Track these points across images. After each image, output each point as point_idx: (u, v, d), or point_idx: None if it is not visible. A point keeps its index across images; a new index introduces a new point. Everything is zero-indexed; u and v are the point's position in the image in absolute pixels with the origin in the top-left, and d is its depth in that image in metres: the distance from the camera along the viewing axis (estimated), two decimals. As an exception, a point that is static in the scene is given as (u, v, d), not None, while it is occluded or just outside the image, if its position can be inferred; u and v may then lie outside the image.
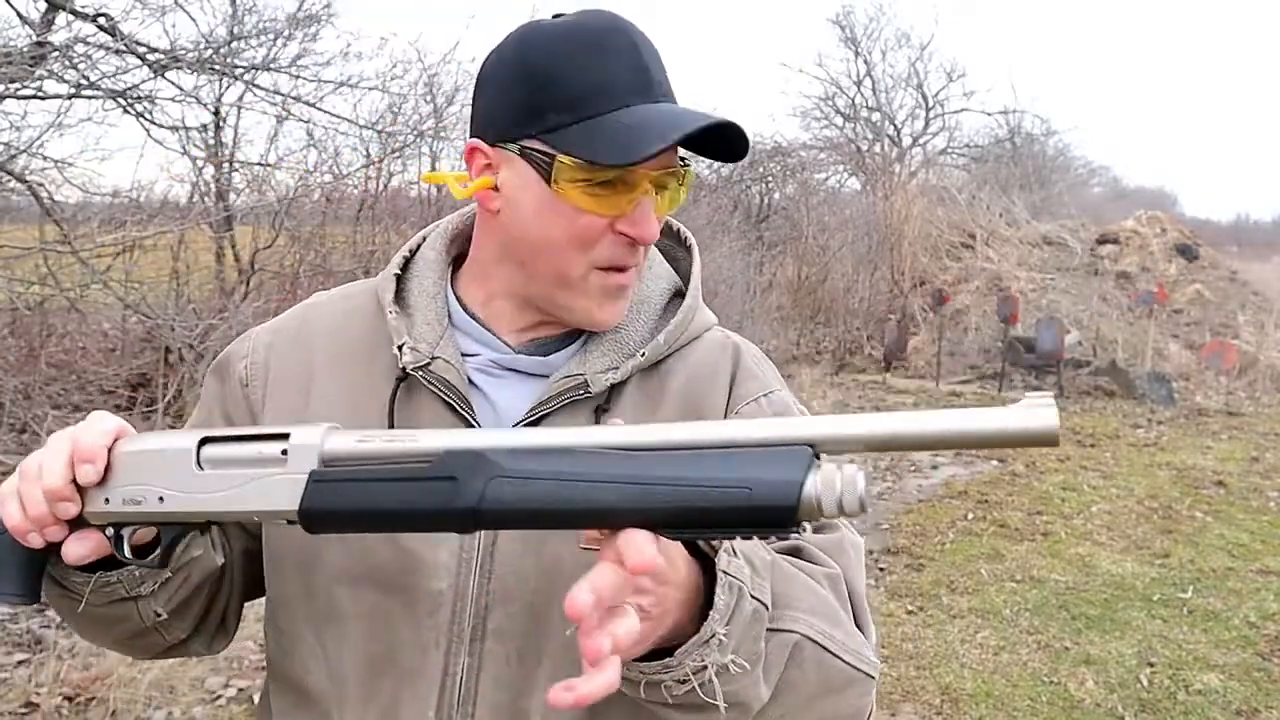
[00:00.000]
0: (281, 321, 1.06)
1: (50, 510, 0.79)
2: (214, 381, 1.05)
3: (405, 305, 0.99)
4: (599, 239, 0.90)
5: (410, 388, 0.95)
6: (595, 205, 0.88)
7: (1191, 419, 9.39)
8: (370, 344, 0.99)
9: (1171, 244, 14.31)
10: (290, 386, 0.99)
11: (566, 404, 0.95)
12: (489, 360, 0.98)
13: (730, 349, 1.04)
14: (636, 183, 0.88)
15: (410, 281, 1.01)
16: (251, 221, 7.16)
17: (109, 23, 5.12)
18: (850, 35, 20.54)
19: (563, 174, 0.87)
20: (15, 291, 5.02)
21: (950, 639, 4.26)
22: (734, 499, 0.61)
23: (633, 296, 0.98)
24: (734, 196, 14.41)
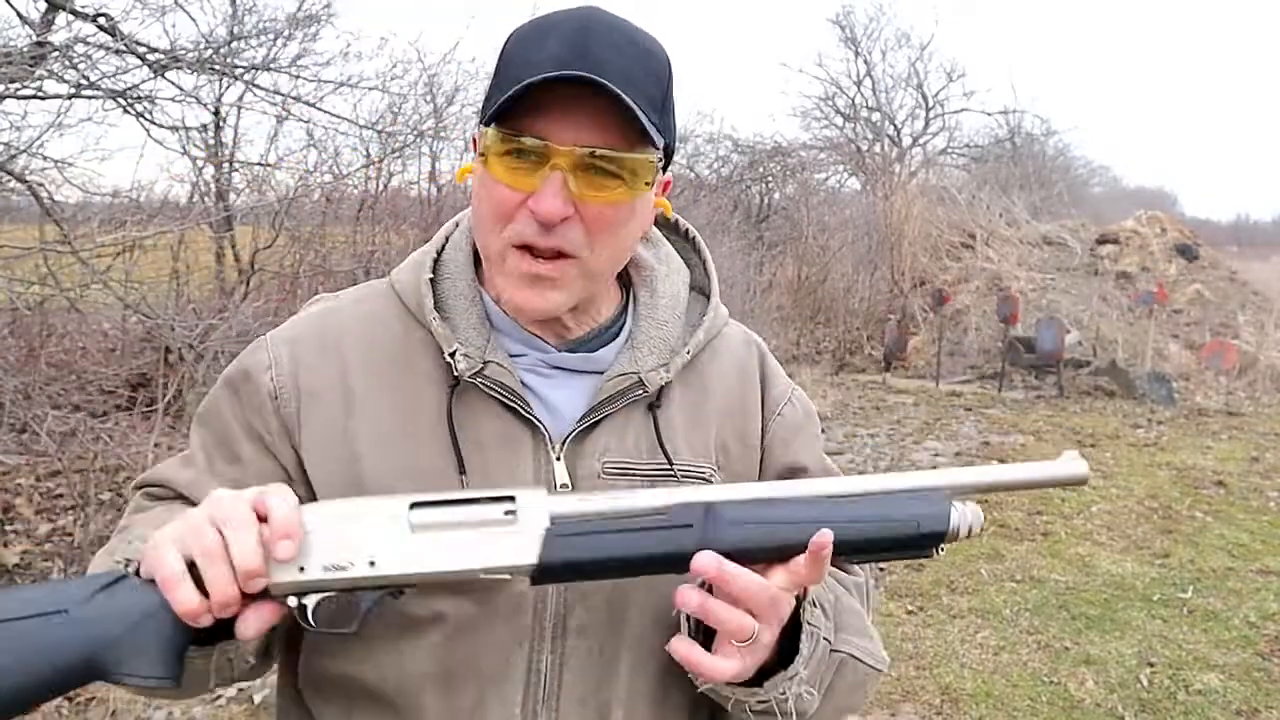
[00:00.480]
0: (297, 330, 1.02)
1: (239, 590, 0.75)
2: (229, 395, 1.00)
3: (443, 310, 0.98)
4: (513, 214, 0.89)
5: (463, 394, 0.95)
6: (509, 178, 0.88)
7: (1191, 419, 9.39)
8: (403, 351, 0.98)
9: (1171, 244, 14.30)
10: (327, 400, 0.97)
11: (621, 402, 0.97)
12: (537, 360, 0.99)
13: (754, 346, 1.12)
14: (547, 157, 0.86)
15: (443, 285, 1.00)
16: (251, 221, 7.16)
17: (109, 23, 5.11)
18: (850, 35, 20.56)
19: (488, 147, 0.88)
20: (15, 291, 5.02)
21: (950, 639, 4.26)
22: (905, 530, 0.82)
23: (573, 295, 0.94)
24: (734, 196, 14.42)
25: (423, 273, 1.00)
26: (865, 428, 8.73)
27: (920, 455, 7.73)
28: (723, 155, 15.26)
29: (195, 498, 0.94)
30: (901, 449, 7.91)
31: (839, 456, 7.62)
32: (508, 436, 0.95)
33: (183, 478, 0.99)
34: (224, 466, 0.97)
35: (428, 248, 1.04)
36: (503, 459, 0.94)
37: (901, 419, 9.16)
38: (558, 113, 0.86)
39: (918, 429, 8.72)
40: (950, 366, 11.54)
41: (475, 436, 0.94)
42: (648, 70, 0.89)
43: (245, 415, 0.98)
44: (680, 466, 0.99)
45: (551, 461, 0.95)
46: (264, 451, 0.97)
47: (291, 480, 0.94)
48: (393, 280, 1.04)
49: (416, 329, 0.99)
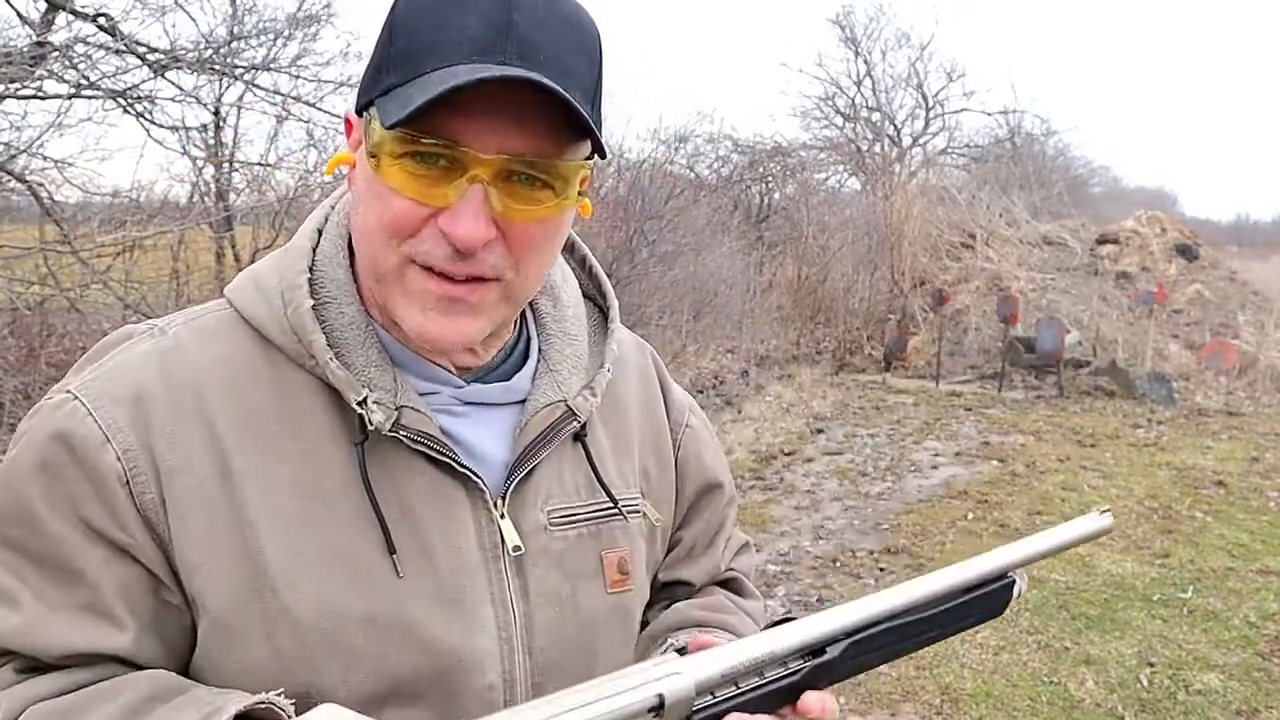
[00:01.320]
0: (130, 383, 0.76)
1: None
2: (42, 489, 0.73)
3: (333, 345, 0.78)
4: (417, 231, 0.72)
5: (372, 451, 0.77)
6: (414, 189, 0.71)
7: (1191, 419, 9.39)
8: (282, 405, 0.77)
9: (1171, 244, 14.30)
10: (197, 478, 0.74)
11: (555, 439, 0.84)
12: (449, 398, 0.82)
13: (646, 351, 1.03)
14: (464, 166, 0.70)
15: (326, 312, 0.79)
16: (251, 221, 7.16)
17: (109, 23, 5.12)
18: (850, 35, 20.57)
19: (379, 145, 0.71)
20: (15, 291, 5.02)
21: (950, 639, 4.26)
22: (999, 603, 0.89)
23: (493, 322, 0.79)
24: (734, 196, 14.43)
25: (301, 300, 0.78)
26: (865, 428, 8.73)
27: (920, 455, 7.73)
28: (723, 155, 15.28)
29: (35, 649, 0.73)
30: (901, 449, 7.91)
31: (839, 456, 7.62)
32: (439, 497, 0.79)
33: (6, 628, 0.73)
34: (59, 593, 0.73)
35: (289, 263, 0.81)
36: (437, 526, 0.78)
37: (901, 419, 9.16)
38: (478, 112, 0.69)
39: (918, 429, 8.72)
40: (950, 366, 11.54)
41: (399, 502, 0.78)
42: (579, 49, 0.73)
43: (77, 511, 0.73)
44: (622, 502, 0.89)
45: (495, 520, 0.81)
46: (117, 555, 0.73)
47: (160, 586, 0.75)
48: (239, 308, 0.81)
49: (290, 371, 0.78)
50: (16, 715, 0.70)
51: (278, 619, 0.74)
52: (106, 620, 0.74)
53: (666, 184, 9.94)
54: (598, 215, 8.32)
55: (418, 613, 0.77)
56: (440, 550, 0.79)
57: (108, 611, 0.74)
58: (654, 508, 0.94)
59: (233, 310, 0.81)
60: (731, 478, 1.08)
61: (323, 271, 0.81)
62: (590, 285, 0.97)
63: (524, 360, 0.88)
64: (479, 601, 0.80)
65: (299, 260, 0.81)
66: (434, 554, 0.78)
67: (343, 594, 0.75)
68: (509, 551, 0.81)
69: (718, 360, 10.58)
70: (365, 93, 0.75)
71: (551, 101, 0.69)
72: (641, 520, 0.93)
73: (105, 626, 0.74)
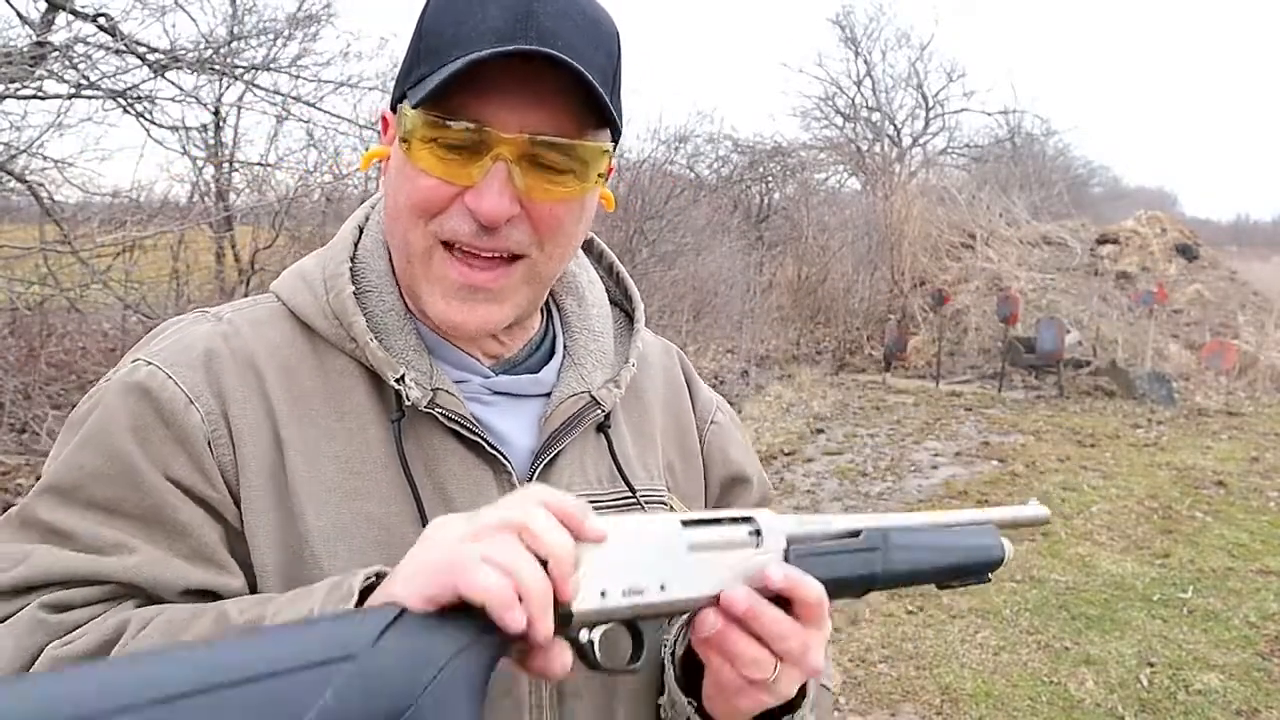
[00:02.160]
0: (199, 352, 0.81)
1: (544, 598, 0.60)
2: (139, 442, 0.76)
3: (374, 330, 0.83)
4: (445, 209, 0.77)
5: (409, 429, 0.82)
6: (442, 170, 0.76)
7: (1191, 419, 9.39)
8: (327, 386, 0.82)
9: (1171, 244, 14.31)
10: (261, 443, 0.79)
11: (578, 428, 0.87)
12: (478, 387, 0.86)
13: (674, 353, 1.06)
14: (488, 146, 0.74)
15: (368, 300, 0.84)
16: (251, 221, 7.17)
17: (109, 23, 5.12)
18: (850, 35, 20.58)
19: (411, 130, 0.76)
20: (15, 291, 5.02)
21: (950, 639, 4.26)
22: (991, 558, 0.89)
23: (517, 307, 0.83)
24: (734, 196, 14.44)
25: (343, 286, 0.83)
26: (865, 428, 8.73)
27: (920, 455, 7.73)
28: (723, 155, 15.28)
29: (156, 583, 0.75)
30: (901, 449, 7.91)
31: (839, 456, 7.62)
32: (469, 478, 0.83)
33: (126, 565, 0.75)
34: (170, 542, 0.76)
35: (332, 255, 0.87)
36: (468, 503, 0.81)
37: (901, 419, 9.16)
38: (499, 93, 0.74)
39: (918, 429, 8.72)
40: (950, 366, 11.54)
41: (433, 478, 0.82)
42: (598, 43, 0.77)
43: (169, 470, 0.76)
44: (642, 493, 0.90)
45: None
46: (210, 512, 0.77)
47: (240, 542, 0.78)
48: (285, 299, 0.86)
49: (332, 356, 0.83)
50: (149, 620, 0.71)
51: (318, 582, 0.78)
52: (216, 566, 0.77)
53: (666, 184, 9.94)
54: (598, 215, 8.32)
55: None
56: None
57: (217, 559, 0.77)
58: (682, 502, 0.95)
59: (279, 303, 0.87)
60: (766, 476, 1.08)
61: (364, 264, 0.86)
62: (618, 291, 1.00)
63: (550, 356, 0.92)
64: None
65: (342, 252, 0.86)
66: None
67: (378, 562, 0.76)
68: None
69: (718, 360, 10.58)
70: (398, 88, 0.80)
71: (571, 86, 0.73)
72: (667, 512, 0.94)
73: (215, 570, 0.76)
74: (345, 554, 0.78)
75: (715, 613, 0.70)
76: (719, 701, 0.79)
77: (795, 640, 0.71)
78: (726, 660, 0.72)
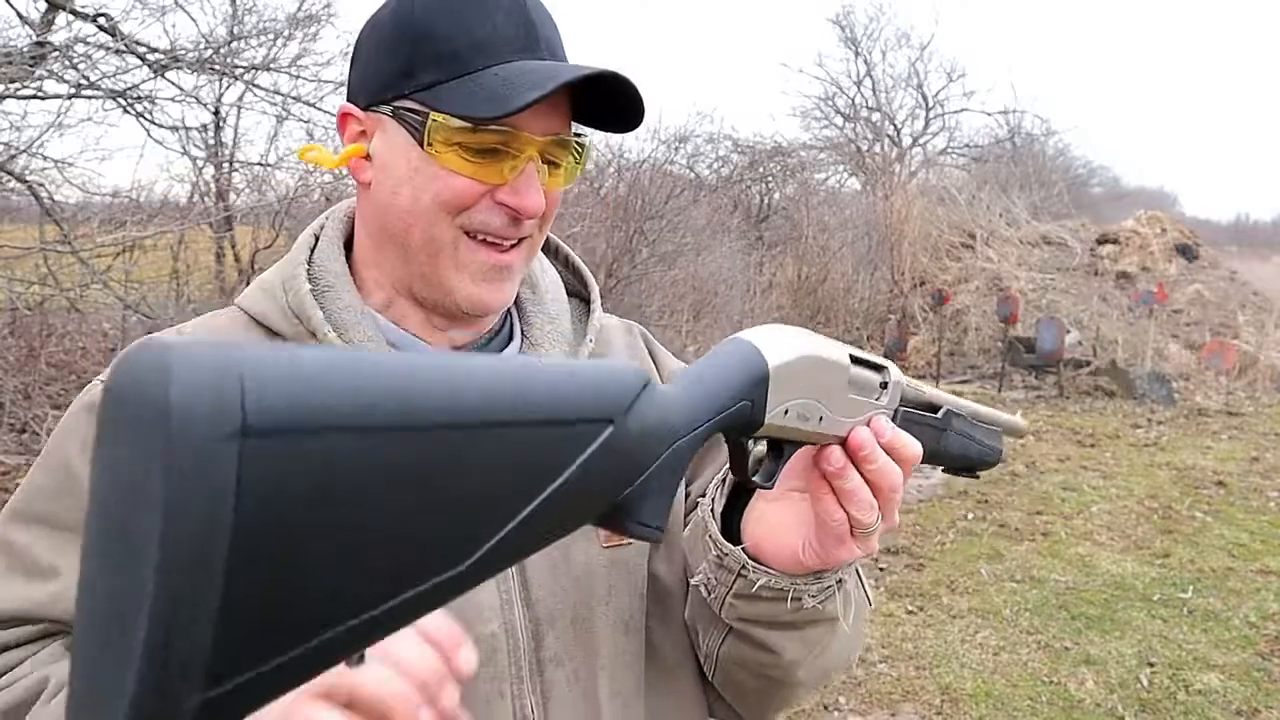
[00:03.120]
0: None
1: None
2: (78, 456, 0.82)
3: (332, 325, 0.86)
4: (474, 204, 0.82)
5: None
6: (473, 171, 0.80)
7: (1191, 419, 9.39)
8: None
9: (1171, 244, 14.30)
10: None
11: None
12: None
13: (634, 330, 1.08)
14: (521, 149, 0.81)
15: (325, 299, 0.87)
16: (251, 221, 7.17)
17: (109, 23, 5.12)
18: (850, 35, 20.56)
19: (437, 134, 0.80)
20: (15, 291, 5.02)
21: (950, 639, 4.26)
22: (995, 458, 0.94)
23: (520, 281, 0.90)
24: (734, 196, 14.42)
25: (300, 285, 0.87)
26: (865, 428, 8.73)
27: (920, 455, 7.74)
28: (723, 155, 15.25)
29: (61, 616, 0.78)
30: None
31: (839, 456, 7.62)
32: None
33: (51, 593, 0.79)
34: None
35: (289, 260, 0.90)
36: None
37: (901, 419, 9.16)
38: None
39: (918, 429, 8.72)
40: (950, 366, 11.54)
41: None
42: (558, 30, 0.85)
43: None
44: None
45: None
46: None
47: None
48: (246, 308, 0.90)
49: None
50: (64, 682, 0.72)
51: None
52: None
53: (666, 184, 9.94)
54: (598, 215, 8.31)
55: None
56: None
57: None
58: None
59: (241, 312, 0.90)
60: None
61: (321, 265, 0.90)
62: (575, 282, 1.04)
63: (509, 343, 0.95)
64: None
65: (298, 255, 0.90)
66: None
67: None
68: None
69: (718, 360, 10.53)
70: (388, 88, 0.82)
71: (567, 89, 0.79)
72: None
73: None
74: None
75: (842, 451, 0.73)
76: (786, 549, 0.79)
77: (898, 494, 0.75)
78: (842, 500, 0.74)
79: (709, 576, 0.84)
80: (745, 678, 0.90)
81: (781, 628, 0.83)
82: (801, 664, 0.87)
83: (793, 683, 0.89)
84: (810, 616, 0.82)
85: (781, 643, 0.84)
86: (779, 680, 0.89)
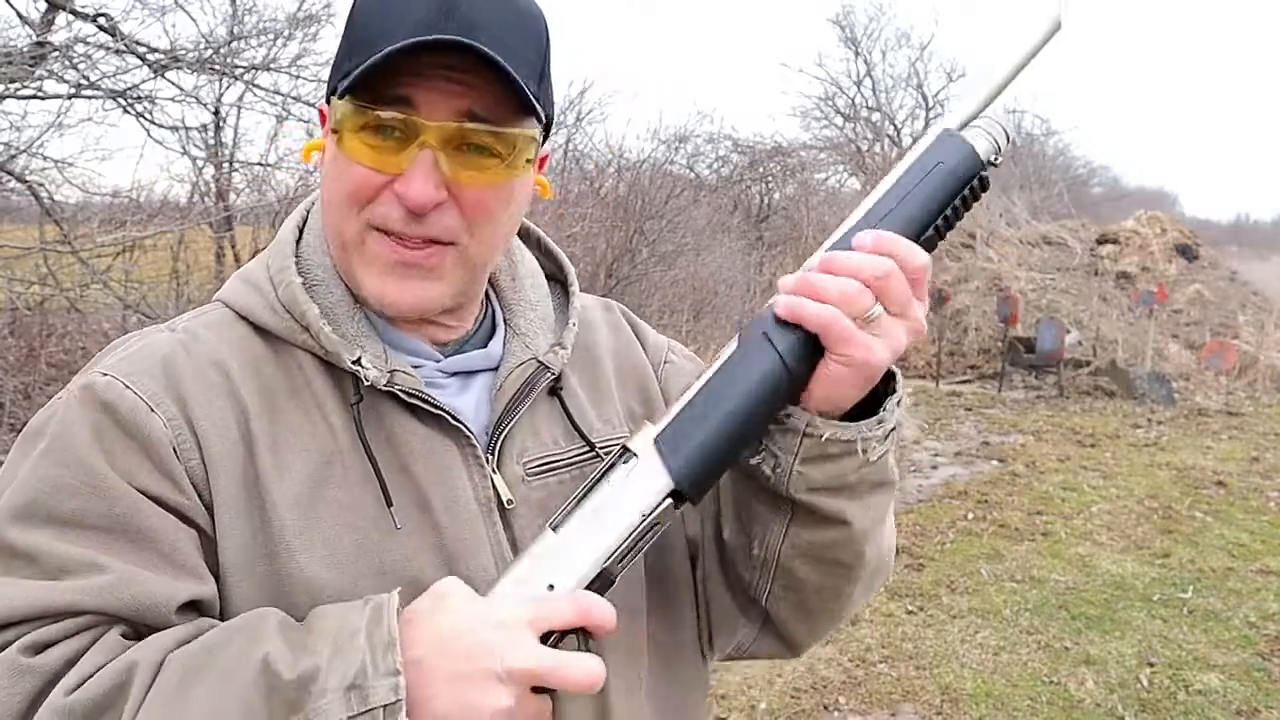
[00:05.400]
0: (156, 360, 0.80)
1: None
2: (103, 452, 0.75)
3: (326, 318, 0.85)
4: (374, 197, 0.78)
5: (370, 410, 0.82)
6: (371, 158, 0.77)
7: (1191, 419, 9.39)
8: (286, 376, 0.83)
9: (1171, 244, 14.30)
10: (227, 443, 0.78)
11: (531, 395, 0.89)
12: (433, 370, 0.88)
13: (614, 307, 1.07)
14: (414, 133, 0.76)
15: (315, 293, 0.85)
16: (251, 222, 7.17)
17: (109, 23, 5.12)
18: (850, 35, 20.56)
19: (342, 121, 0.77)
20: (15, 291, 5.02)
21: (950, 639, 4.26)
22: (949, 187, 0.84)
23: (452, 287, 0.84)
24: (734, 196, 14.42)
25: (291, 278, 0.84)
26: (865, 428, 8.73)
27: (920, 455, 7.73)
28: (723, 155, 15.26)
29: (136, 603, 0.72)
30: (901, 449, 7.91)
31: (839, 456, 7.62)
32: (434, 454, 0.83)
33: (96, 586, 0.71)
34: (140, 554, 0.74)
35: (276, 253, 0.88)
36: (435, 482, 0.83)
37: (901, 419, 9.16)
38: (425, 82, 0.76)
39: (918, 429, 8.72)
40: (950, 366, 11.54)
41: (397, 459, 0.82)
42: (526, 34, 0.79)
43: (135, 479, 0.75)
44: (601, 445, 0.92)
45: (487, 475, 0.85)
46: (182, 519, 0.76)
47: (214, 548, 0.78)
48: (231, 304, 0.87)
49: (287, 351, 0.84)
50: (157, 664, 0.69)
51: (295, 577, 0.77)
52: (193, 576, 0.76)
53: (666, 184, 9.94)
54: (598, 215, 8.32)
55: (421, 564, 0.81)
56: (439, 505, 0.83)
57: (195, 569, 0.76)
58: None
59: (226, 309, 0.87)
60: None
61: (309, 259, 0.87)
62: (552, 267, 1.02)
63: (493, 333, 0.94)
64: (480, 552, 0.83)
65: (285, 249, 0.87)
66: (432, 508, 0.82)
67: (354, 550, 0.79)
68: (503, 504, 0.85)
69: (718, 360, 10.54)
70: (331, 79, 0.82)
71: (495, 75, 0.75)
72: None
73: (195, 581, 0.75)
74: (321, 547, 0.79)
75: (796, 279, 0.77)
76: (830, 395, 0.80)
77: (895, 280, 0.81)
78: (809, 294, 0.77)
79: (773, 449, 0.81)
80: (809, 571, 0.87)
81: (848, 494, 0.82)
82: (869, 536, 0.85)
83: (860, 565, 0.87)
84: (874, 476, 0.83)
85: (851, 510, 0.83)
86: (847, 565, 0.87)
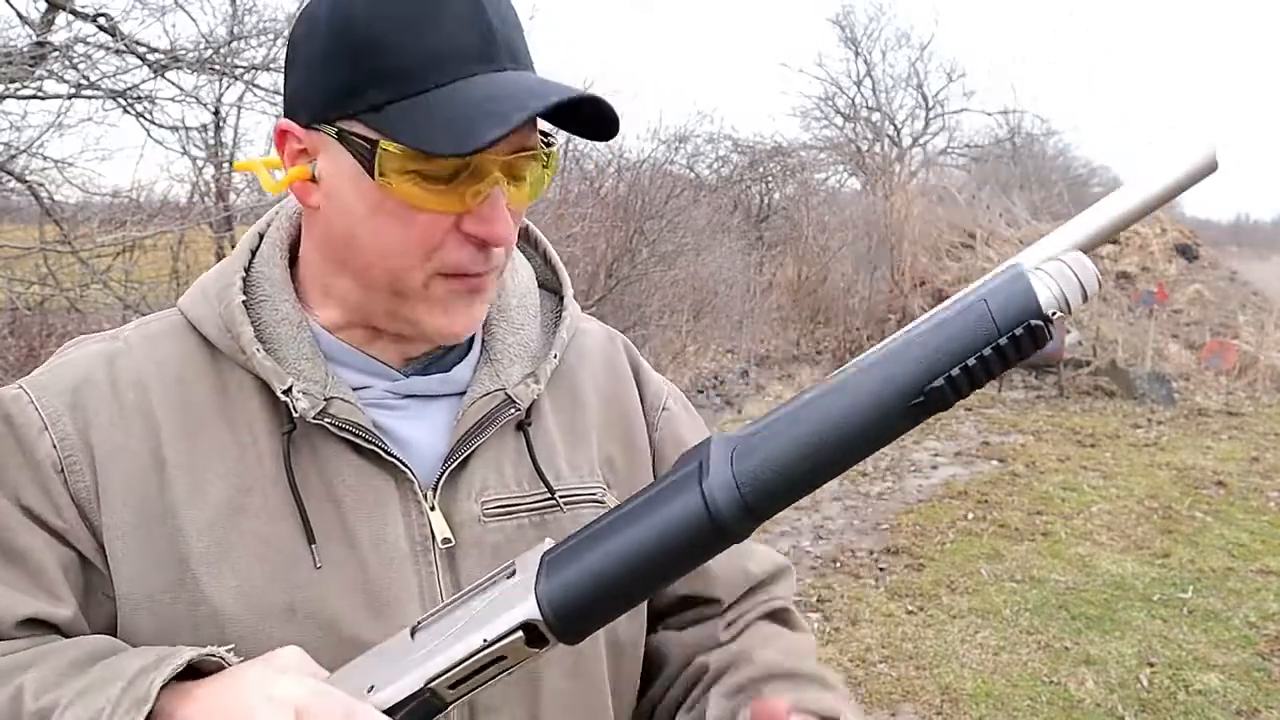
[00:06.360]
0: (72, 378, 0.79)
1: None
2: None
3: (265, 340, 0.80)
4: (442, 242, 0.74)
5: (301, 441, 0.78)
6: (433, 202, 0.72)
7: (1191, 419, 9.38)
8: (221, 400, 0.79)
9: (1171, 244, 14.30)
10: (131, 466, 0.76)
11: (491, 428, 0.83)
12: (384, 392, 0.82)
13: (618, 341, 0.99)
14: (484, 171, 0.72)
15: (258, 310, 0.81)
16: (251, 221, 7.14)
17: (109, 23, 5.12)
18: (850, 35, 20.53)
19: (389, 164, 0.70)
20: (15, 291, 5.02)
21: (950, 639, 4.26)
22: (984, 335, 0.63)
23: (493, 299, 0.84)
24: (734, 196, 14.42)
25: (232, 296, 0.80)
26: (865, 428, 8.73)
27: (920, 455, 7.74)
28: (723, 155, 15.25)
29: None
30: (901, 449, 7.91)
31: (839, 456, 7.62)
32: (367, 489, 0.79)
33: None
34: (2, 570, 0.74)
35: (228, 265, 0.84)
36: (364, 518, 0.78)
37: (901, 419, 9.15)
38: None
39: (917, 429, 8.71)
40: (950, 366, 11.53)
41: (326, 491, 0.78)
42: (523, 32, 0.76)
43: (18, 495, 0.75)
44: (563, 493, 0.85)
45: (425, 513, 0.80)
46: (56, 540, 0.75)
47: (94, 574, 0.76)
48: (185, 312, 0.84)
49: (230, 369, 0.80)
50: None
51: (199, 608, 0.75)
52: (49, 596, 0.74)
53: (666, 184, 9.93)
54: (598, 215, 8.31)
55: (339, 605, 0.77)
56: (366, 542, 0.78)
57: (51, 589, 0.75)
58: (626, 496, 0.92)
59: (181, 316, 0.84)
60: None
61: (259, 272, 0.84)
62: (552, 278, 0.96)
63: (467, 352, 0.88)
64: (406, 596, 0.78)
65: (237, 262, 0.84)
66: (359, 546, 0.78)
67: (264, 584, 0.76)
68: (439, 544, 0.80)
69: (718, 360, 10.57)
70: (331, 107, 0.73)
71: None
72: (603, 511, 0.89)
73: (48, 600, 0.74)
74: (230, 578, 0.75)
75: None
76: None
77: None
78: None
79: None
80: None
81: None
82: None
83: None
84: None
85: None
86: None
